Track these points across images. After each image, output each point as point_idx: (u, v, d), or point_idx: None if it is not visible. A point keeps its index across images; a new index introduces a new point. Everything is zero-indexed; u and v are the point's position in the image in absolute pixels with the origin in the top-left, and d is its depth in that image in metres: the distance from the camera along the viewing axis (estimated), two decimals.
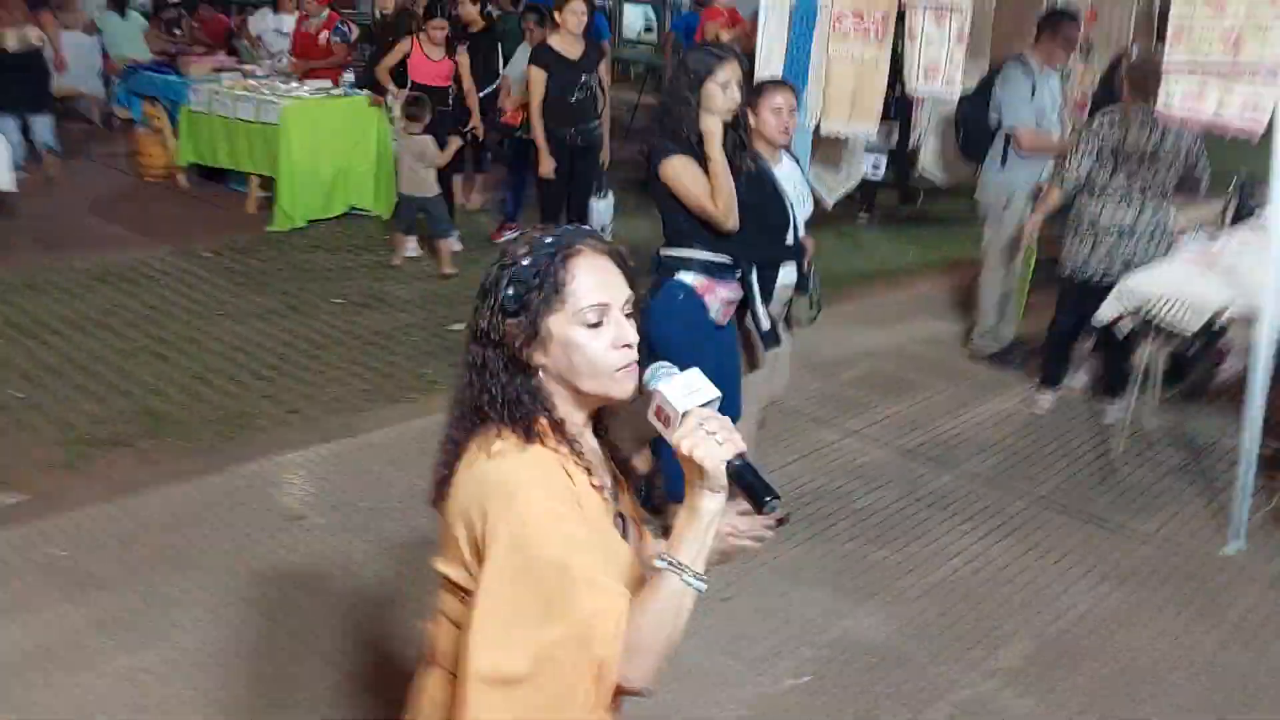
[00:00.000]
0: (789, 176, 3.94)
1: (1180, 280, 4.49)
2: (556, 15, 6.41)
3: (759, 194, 3.70)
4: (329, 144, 8.10)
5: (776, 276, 3.86)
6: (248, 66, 9.23)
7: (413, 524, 4.13)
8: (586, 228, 1.67)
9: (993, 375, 5.80)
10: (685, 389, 1.52)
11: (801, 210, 3.97)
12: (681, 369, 1.58)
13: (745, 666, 3.43)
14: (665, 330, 3.57)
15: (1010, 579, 3.98)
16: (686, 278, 3.67)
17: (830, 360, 5.80)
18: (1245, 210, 6.15)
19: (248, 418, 5.00)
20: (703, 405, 1.52)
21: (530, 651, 1.47)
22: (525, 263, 1.57)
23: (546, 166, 6.38)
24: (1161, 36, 4.22)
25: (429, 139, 6.96)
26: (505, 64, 7.98)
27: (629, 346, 1.58)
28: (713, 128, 3.51)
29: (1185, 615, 3.79)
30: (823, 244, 4.78)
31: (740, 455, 1.49)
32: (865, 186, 7.73)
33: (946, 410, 5.36)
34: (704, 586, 1.49)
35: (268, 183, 8.23)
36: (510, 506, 1.50)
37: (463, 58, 7.43)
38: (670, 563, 1.48)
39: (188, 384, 5.32)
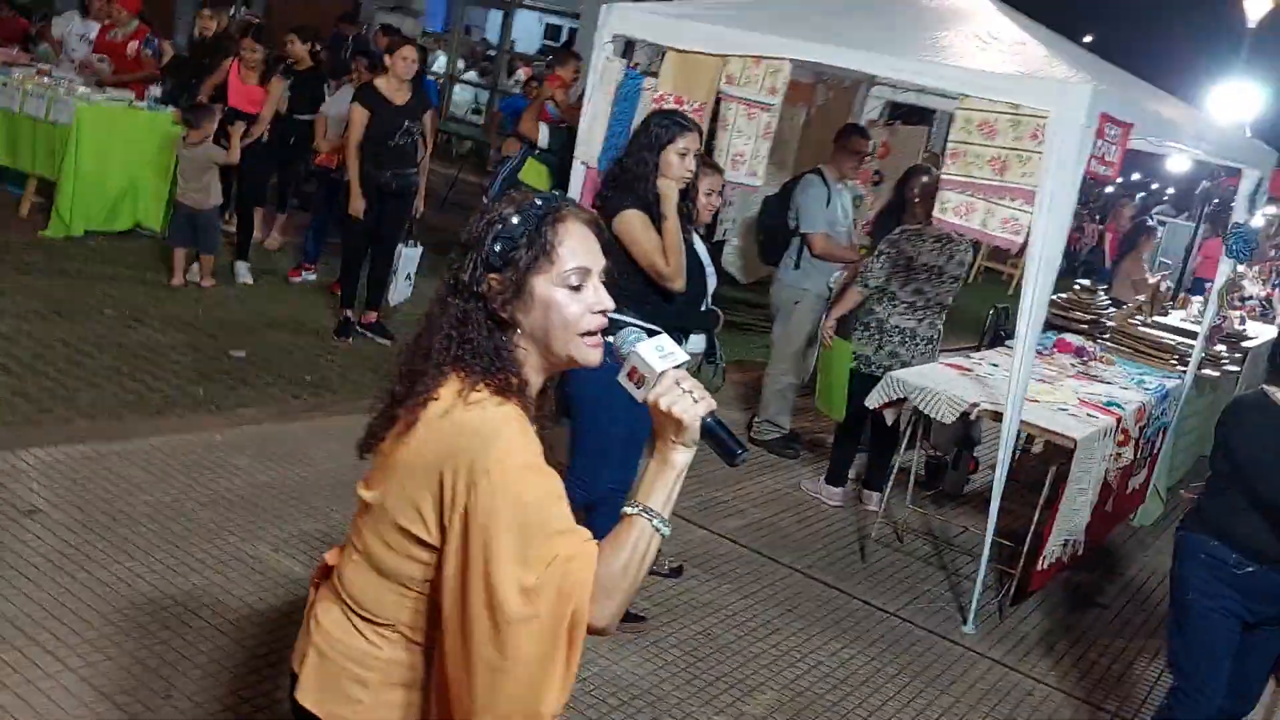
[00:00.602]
0: (700, 250, 4.09)
1: (940, 379, 4.89)
2: (387, 59, 6.43)
3: (687, 264, 3.80)
4: (121, 154, 7.70)
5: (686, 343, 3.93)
6: (44, 65, 8.72)
7: (163, 531, 3.90)
8: (570, 197, 1.73)
9: (770, 459, 6.06)
10: (658, 352, 1.61)
11: (710, 282, 4.12)
12: (594, 431, 1.65)
13: None
14: (586, 390, 3.52)
15: (763, 637, 4.13)
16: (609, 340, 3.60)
17: None
18: (998, 337, 6.81)
19: None
20: (677, 367, 1.60)
21: (531, 582, 1.49)
22: (514, 221, 1.62)
23: (357, 205, 6.31)
24: None
25: (210, 144, 6.82)
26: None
27: (604, 313, 1.65)
28: (669, 192, 3.65)
29: (918, 682, 4.04)
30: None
31: (712, 413, 1.59)
32: None
33: (722, 484, 5.55)
34: (668, 531, 1.58)
35: (46, 191, 7.75)
36: (490, 453, 1.52)
37: (274, 85, 7.34)
38: (641, 509, 1.56)
39: None
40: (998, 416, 4.55)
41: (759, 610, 4.33)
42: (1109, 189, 24.94)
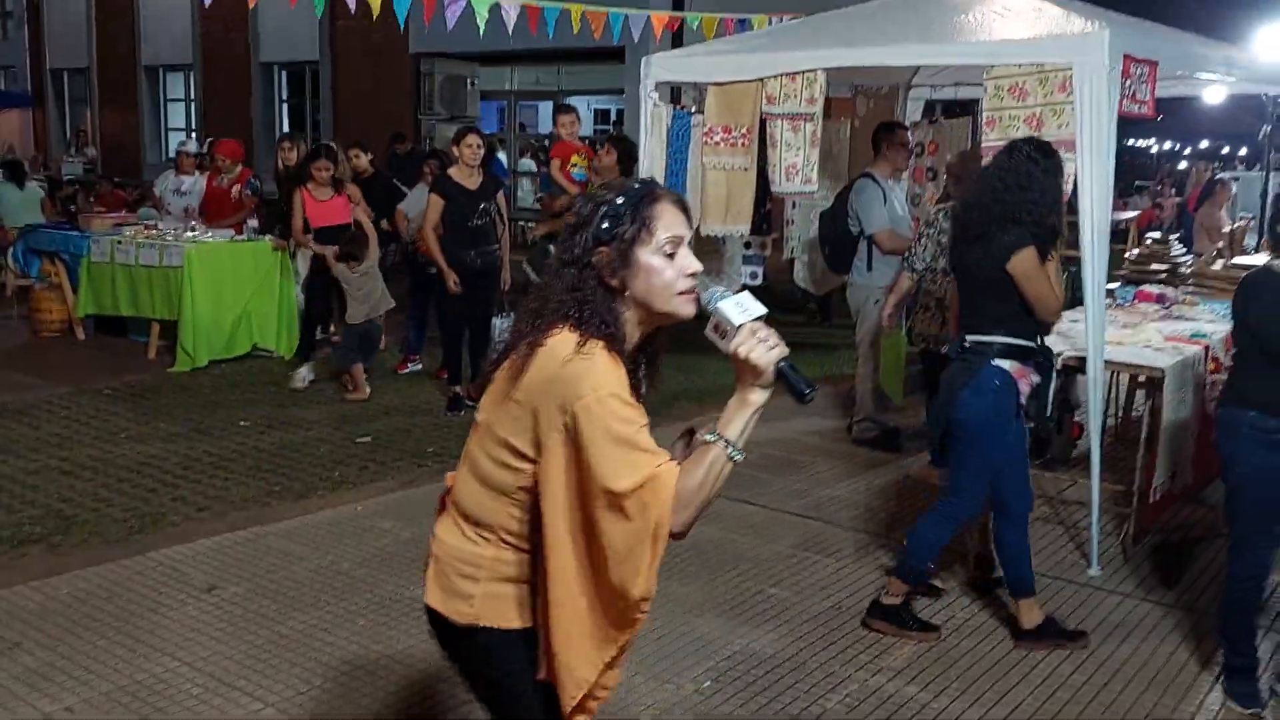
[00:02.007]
0: None
1: None
2: (454, 150, 6.95)
3: None
4: (232, 286, 8.38)
5: None
6: (149, 222, 9.53)
7: (326, 588, 4.27)
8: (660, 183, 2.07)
9: (873, 456, 6.23)
10: (739, 307, 1.88)
11: None
12: (983, 456, 1.91)
13: (649, 679, 3.65)
14: (974, 413, 3.71)
15: None
16: (1004, 364, 3.78)
17: None
18: (1075, 300, 6.90)
19: (157, 516, 5.09)
20: (754, 320, 1.87)
21: (626, 485, 1.79)
22: (619, 201, 1.94)
23: (451, 281, 6.78)
24: None
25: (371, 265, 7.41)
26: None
27: (693, 275, 1.95)
28: (1061, 226, 3.77)
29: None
30: (706, 360, 5.19)
31: (786, 358, 1.86)
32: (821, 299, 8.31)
33: (831, 482, 5.75)
34: (742, 458, 1.86)
35: (167, 332, 8.43)
36: (585, 382, 1.83)
37: (353, 189, 7.87)
38: (720, 436, 1.85)
39: (96, 492, 5.39)
40: (1083, 366, 4.68)
41: (882, 581, 4.49)
42: (1182, 164, 24.57)
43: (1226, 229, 8.19)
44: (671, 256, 1.93)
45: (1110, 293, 6.01)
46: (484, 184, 6.95)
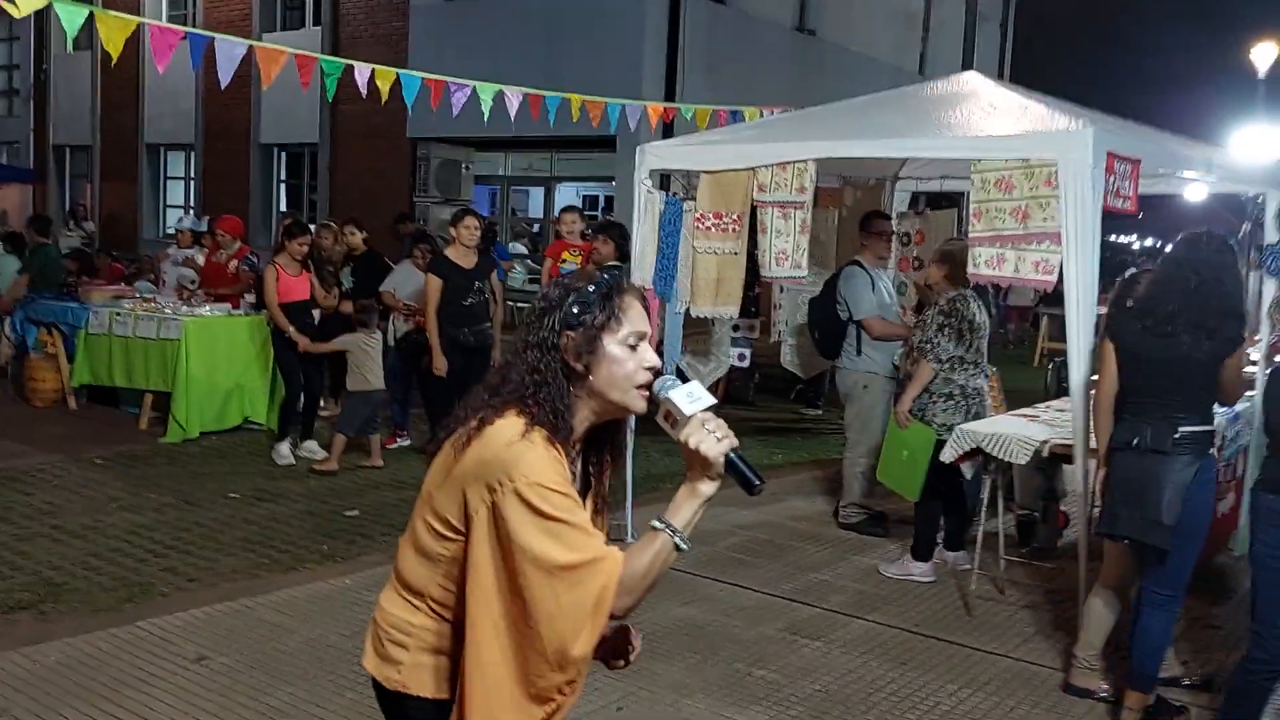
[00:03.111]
0: None
1: (1010, 425, 5.15)
2: (453, 230, 7.10)
3: None
4: (227, 359, 8.45)
5: None
6: (148, 295, 9.63)
7: (316, 661, 4.26)
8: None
9: (860, 540, 6.27)
10: (689, 397, 1.93)
11: None
12: (1199, 547, 2.00)
13: None
14: (1202, 505, 3.81)
15: (880, 688, 4.31)
16: (1213, 453, 3.93)
17: (709, 532, 6.20)
18: (1062, 390, 7.02)
19: (147, 586, 5.08)
20: (703, 410, 1.91)
21: (572, 559, 1.84)
22: (590, 289, 2.00)
23: (440, 363, 6.87)
24: None
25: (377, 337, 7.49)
26: None
27: (651, 369, 2.00)
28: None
29: (1039, 710, 4.17)
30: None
31: (735, 449, 1.90)
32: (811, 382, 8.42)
33: (819, 566, 5.78)
34: (687, 547, 1.91)
35: (159, 404, 8.47)
36: (519, 467, 1.87)
37: (309, 273, 7.88)
38: (667, 525, 1.91)
39: (86, 560, 5.38)
40: (1068, 457, 4.76)
41: (872, 666, 4.51)
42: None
43: None
44: (634, 349, 1.98)
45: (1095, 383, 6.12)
46: (479, 263, 7.09)
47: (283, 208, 19.11)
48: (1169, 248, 4.24)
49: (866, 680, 4.37)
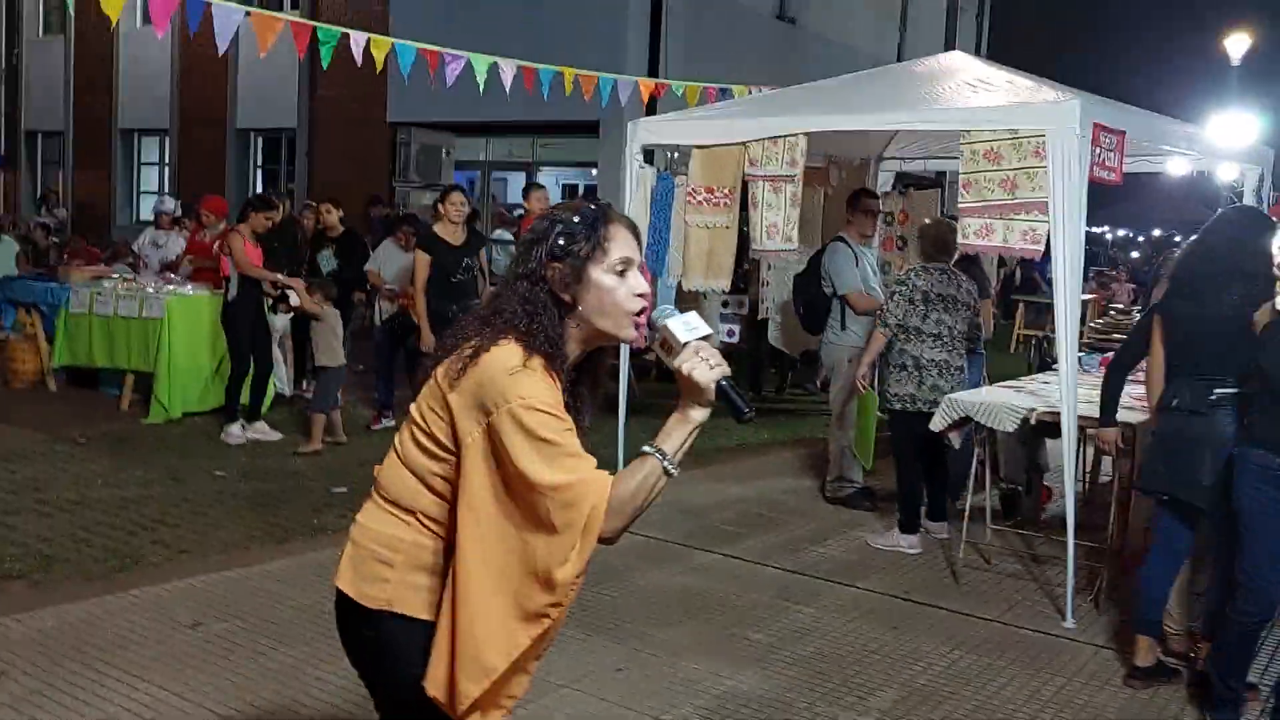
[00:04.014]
0: None
1: (997, 396, 5.22)
2: (440, 207, 7.10)
3: None
4: (209, 339, 8.38)
5: None
6: (128, 275, 9.56)
7: (314, 624, 4.28)
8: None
9: (848, 514, 6.34)
10: (685, 325, 1.95)
11: None
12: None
13: (640, 714, 3.68)
14: (1255, 497, 3.64)
15: (874, 650, 4.37)
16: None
17: (701, 506, 6.27)
18: (1044, 364, 7.12)
19: (138, 557, 5.07)
20: (700, 339, 1.94)
21: (560, 479, 1.85)
22: (575, 220, 2.00)
23: (428, 339, 6.86)
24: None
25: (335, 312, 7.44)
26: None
27: (643, 295, 2.02)
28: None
29: (1027, 671, 4.24)
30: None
31: (727, 377, 1.93)
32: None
33: (808, 538, 5.84)
34: (676, 473, 1.92)
35: (140, 385, 8.41)
36: (514, 389, 1.88)
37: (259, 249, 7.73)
38: (657, 450, 1.91)
39: (75, 533, 5.35)
40: (1055, 429, 4.83)
41: (865, 629, 4.57)
42: (1134, 253, 25.26)
43: None
44: (622, 275, 1.99)
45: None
46: (468, 240, 7.10)
47: (259, 191, 19.00)
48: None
49: (859, 643, 4.43)
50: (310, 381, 8.66)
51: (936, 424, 5.19)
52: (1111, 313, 7.40)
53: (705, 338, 1.94)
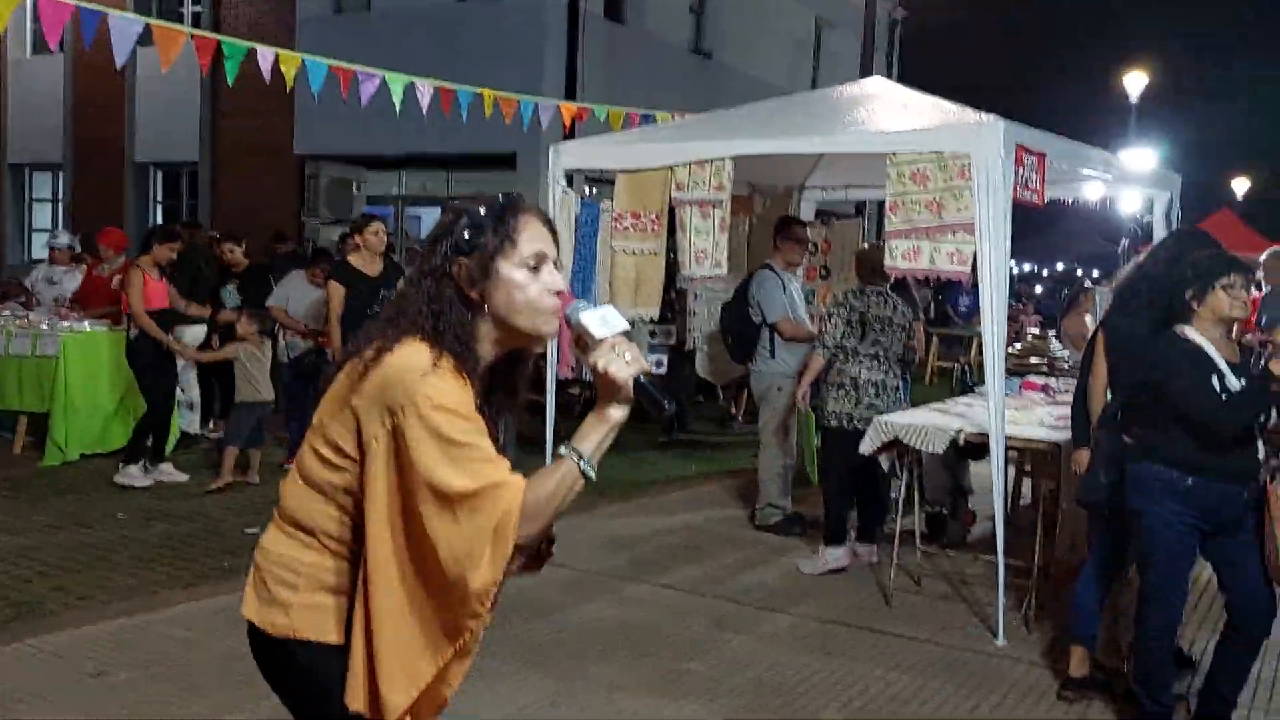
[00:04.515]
0: None
1: (925, 418, 5.23)
2: (358, 238, 6.91)
3: None
4: (108, 377, 7.99)
5: None
6: (21, 313, 9.10)
7: (228, 671, 4.04)
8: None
9: (778, 541, 6.28)
10: (601, 321, 1.84)
11: None
12: None
13: None
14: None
15: (812, 676, 4.30)
16: None
17: (630, 538, 6.18)
18: (967, 388, 7.21)
19: (34, 605, 4.75)
20: (617, 335, 1.83)
21: (470, 486, 1.73)
22: (481, 212, 1.88)
23: None
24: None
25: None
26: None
27: (559, 294, 1.90)
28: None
29: (964, 690, 4.22)
30: (609, 460, 5.21)
31: (645, 374, 1.82)
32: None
33: (739, 566, 5.76)
34: (594, 475, 1.81)
35: (36, 428, 7.99)
36: (420, 388, 1.76)
37: (167, 281, 7.44)
38: (574, 450, 1.80)
39: None
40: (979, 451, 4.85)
41: (800, 656, 4.50)
42: (1038, 288, 26.07)
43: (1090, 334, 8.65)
44: (535, 271, 1.88)
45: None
46: (385, 271, 6.91)
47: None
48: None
49: (796, 669, 4.35)
50: (218, 421, 8.35)
51: (866, 446, 5.18)
52: (1029, 336, 7.52)
53: (622, 333, 1.84)
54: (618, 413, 1.82)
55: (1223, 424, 3.49)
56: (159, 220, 18.86)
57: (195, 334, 8.14)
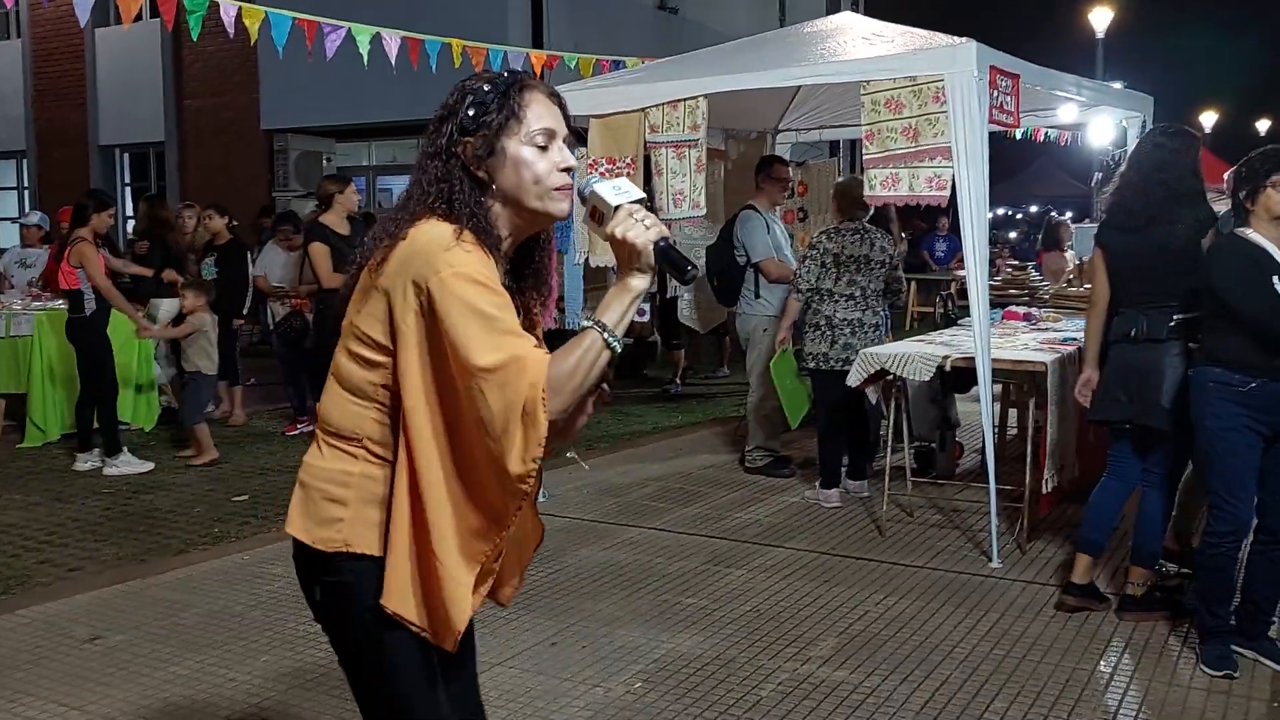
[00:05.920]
0: None
1: (910, 348, 5.22)
2: (338, 197, 6.84)
3: None
4: None
5: None
6: None
7: (221, 630, 4.02)
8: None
9: (769, 482, 6.28)
10: (615, 190, 1.77)
11: None
12: None
13: (578, 684, 3.54)
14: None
15: (809, 604, 4.31)
16: None
17: (621, 485, 6.17)
18: (950, 321, 7.22)
19: (23, 578, 4.72)
20: (631, 202, 1.76)
21: (492, 353, 1.67)
22: (485, 89, 1.81)
23: None
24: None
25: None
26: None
27: (568, 170, 1.83)
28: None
29: (960, 610, 4.23)
30: (594, 414, 5.20)
31: (664, 238, 1.75)
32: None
33: (731, 507, 5.76)
34: (619, 347, 1.73)
35: (14, 411, 7.90)
36: (442, 259, 1.71)
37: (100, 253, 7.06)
38: (597, 323, 1.73)
39: None
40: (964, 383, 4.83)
41: (798, 586, 4.51)
42: (1012, 234, 26.09)
43: (1071, 267, 8.65)
44: (544, 149, 1.81)
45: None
46: (355, 230, 6.87)
47: (129, 214, 18.16)
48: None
49: (793, 598, 4.36)
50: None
51: (853, 379, 5.17)
52: (1007, 270, 7.53)
53: (638, 201, 1.77)
54: (639, 281, 1.75)
55: None
56: (129, 202, 18.64)
57: (170, 308, 8.04)
